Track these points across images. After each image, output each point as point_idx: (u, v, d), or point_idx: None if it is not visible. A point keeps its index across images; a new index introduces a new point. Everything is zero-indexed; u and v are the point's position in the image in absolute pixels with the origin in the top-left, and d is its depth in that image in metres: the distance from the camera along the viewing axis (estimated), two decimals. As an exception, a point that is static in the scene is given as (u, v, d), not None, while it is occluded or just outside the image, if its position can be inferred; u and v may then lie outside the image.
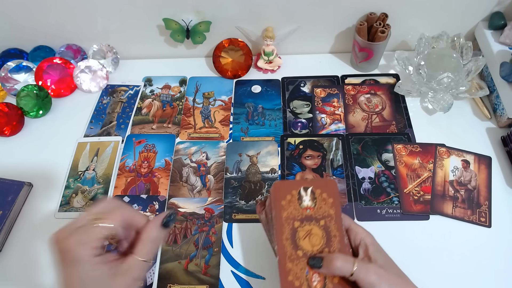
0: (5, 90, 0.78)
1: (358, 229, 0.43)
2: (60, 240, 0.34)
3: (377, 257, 0.41)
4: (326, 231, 0.43)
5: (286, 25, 0.76)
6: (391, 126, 0.70)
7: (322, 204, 0.44)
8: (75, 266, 0.33)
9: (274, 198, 0.44)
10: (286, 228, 0.43)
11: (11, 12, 0.75)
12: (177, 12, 0.74)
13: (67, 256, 0.34)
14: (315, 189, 0.44)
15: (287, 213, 0.43)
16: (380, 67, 0.80)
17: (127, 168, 0.68)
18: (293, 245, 0.43)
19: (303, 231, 0.43)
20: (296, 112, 0.74)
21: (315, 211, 0.44)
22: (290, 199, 0.44)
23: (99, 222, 0.35)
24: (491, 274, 0.54)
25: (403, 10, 0.73)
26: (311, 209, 0.44)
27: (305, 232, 0.43)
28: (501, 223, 0.58)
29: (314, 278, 0.41)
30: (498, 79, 0.68)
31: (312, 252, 0.42)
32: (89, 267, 0.34)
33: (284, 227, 0.43)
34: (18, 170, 0.68)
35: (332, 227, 0.43)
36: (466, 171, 0.63)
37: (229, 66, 0.79)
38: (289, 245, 0.43)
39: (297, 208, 0.44)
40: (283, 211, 0.43)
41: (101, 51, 0.82)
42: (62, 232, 0.35)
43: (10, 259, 0.59)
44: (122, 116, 0.76)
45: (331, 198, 0.44)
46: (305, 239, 0.43)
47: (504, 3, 0.71)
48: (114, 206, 0.37)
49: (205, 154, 0.69)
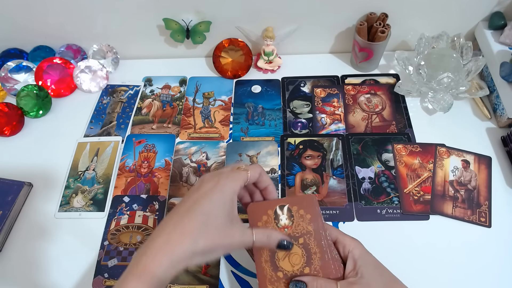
0: (5, 90, 0.78)
1: (346, 240, 0.42)
2: (213, 173, 0.42)
3: (364, 272, 0.39)
4: (305, 248, 0.42)
5: (286, 25, 0.76)
6: (391, 126, 0.70)
7: (300, 221, 0.42)
8: (219, 192, 0.39)
9: (251, 221, 0.43)
10: (265, 251, 0.42)
11: (11, 12, 0.75)
12: (177, 12, 0.74)
13: (216, 185, 0.39)
14: (291, 207, 0.43)
15: None
16: (380, 67, 0.80)
17: (127, 168, 0.68)
18: (273, 267, 0.42)
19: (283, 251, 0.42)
20: (296, 112, 0.74)
21: (293, 229, 0.42)
22: (266, 220, 0.43)
23: (242, 169, 0.42)
24: (491, 274, 0.54)
25: (403, 10, 0.73)
26: (288, 228, 0.42)
27: (285, 252, 0.42)
28: (501, 223, 0.58)
29: None
30: (498, 79, 0.68)
31: (293, 272, 0.41)
32: (226, 199, 0.39)
33: (263, 250, 0.42)
34: (18, 170, 0.68)
35: (311, 244, 0.42)
36: (466, 171, 0.63)
37: (229, 66, 0.79)
38: (268, 267, 0.42)
39: (274, 228, 0.42)
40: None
41: (101, 51, 0.82)
42: (212, 172, 0.43)
43: (10, 259, 0.59)
44: (122, 116, 0.76)
45: (309, 214, 0.42)
46: (284, 260, 0.42)
47: (504, 3, 0.71)
48: (255, 165, 0.44)
49: (205, 154, 0.69)
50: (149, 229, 0.60)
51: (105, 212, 0.63)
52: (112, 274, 0.56)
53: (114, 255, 0.58)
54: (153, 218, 0.61)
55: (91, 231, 0.61)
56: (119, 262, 0.58)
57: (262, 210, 0.44)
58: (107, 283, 0.56)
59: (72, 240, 0.60)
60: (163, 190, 0.65)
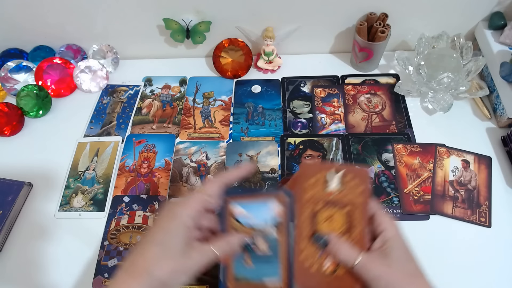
0: (5, 90, 0.78)
1: (383, 218, 0.41)
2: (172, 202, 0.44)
3: (390, 253, 0.39)
4: (348, 219, 0.41)
5: (286, 25, 0.76)
6: (391, 126, 0.70)
7: (349, 191, 0.42)
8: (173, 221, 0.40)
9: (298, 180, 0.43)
10: (307, 209, 0.42)
11: (11, 12, 0.75)
12: (177, 12, 0.74)
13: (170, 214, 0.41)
14: (345, 175, 0.42)
15: (311, 194, 0.42)
16: (380, 67, 0.80)
17: (127, 168, 0.68)
18: (311, 226, 0.41)
19: (325, 214, 0.42)
20: (296, 112, 0.74)
21: (341, 197, 0.42)
22: (316, 181, 0.42)
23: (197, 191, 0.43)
24: (491, 274, 0.54)
25: (403, 10, 0.73)
26: (336, 194, 0.42)
27: (326, 216, 0.41)
28: (501, 223, 0.58)
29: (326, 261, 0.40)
30: (498, 79, 0.68)
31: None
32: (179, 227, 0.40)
33: (305, 208, 0.42)
34: (18, 170, 0.68)
35: (355, 216, 0.41)
36: (466, 171, 0.63)
37: (229, 66, 0.79)
38: (307, 225, 0.42)
39: (322, 191, 0.42)
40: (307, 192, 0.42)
41: (101, 51, 0.82)
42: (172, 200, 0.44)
43: (10, 259, 0.59)
44: (122, 116, 0.76)
45: (360, 187, 0.42)
46: (324, 223, 0.41)
47: (504, 3, 0.71)
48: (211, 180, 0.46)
49: (205, 154, 0.69)
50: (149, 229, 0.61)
51: (105, 212, 0.63)
52: (112, 274, 0.57)
53: (114, 255, 0.58)
54: (153, 218, 0.61)
55: (91, 231, 0.61)
56: (119, 262, 0.58)
57: (314, 172, 0.43)
58: (107, 283, 0.56)
59: (72, 240, 0.60)
60: (163, 190, 0.65)
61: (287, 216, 0.42)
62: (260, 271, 0.43)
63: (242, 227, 0.44)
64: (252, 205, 0.44)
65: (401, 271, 0.38)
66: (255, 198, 0.45)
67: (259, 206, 0.44)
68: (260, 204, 0.44)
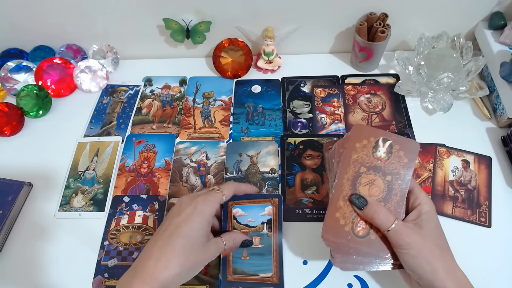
0: (5, 90, 0.78)
1: (421, 194, 0.43)
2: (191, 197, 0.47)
3: (424, 225, 0.41)
4: (389, 187, 0.42)
5: (286, 25, 0.76)
6: (391, 126, 0.70)
7: (396, 160, 0.43)
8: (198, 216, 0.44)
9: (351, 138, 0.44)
10: (351, 169, 0.43)
11: (11, 12, 0.75)
12: (177, 12, 0.74)
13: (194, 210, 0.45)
14: (394, 144, 0.43)
15: (358, 156, 0.43)
16: (380, 67, 0.80)
17: (127, 168, 0.68)
18: (352, 187, 0.42)
19: (367, 178, 0.43)
20: (296, 112, 0.74)
21: (386, 164, 0.43)
22: (365, 144, 0.43)
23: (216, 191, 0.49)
24: (491, 274, 0.54)
25: (403, 10, 0.73)
26: (382, 161, 0.43)
27: (368, 180, 0.42)
28: (501, 223, 0.58)
29: (360, 224, 0.42)
30: (498, 79, 0.68)
31: None
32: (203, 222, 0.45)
33: (350, 168, 0.43)
34: (18, 170, 0.68)
35: (396, 185, 0.42)
36: (466, 171, 0.63)
37: (229, 66, 0.79)
38: (348, 185, 0.42)
39: (369, 155, 0.43)
40: (354, 153, 0.43)
41: (101, 51, 0.82)
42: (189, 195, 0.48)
43: (10, 259, 0.59)
44: (122, 116, 0.76)
45: (407, 159, 0.43)
46: (365, 186, 0.42)
47: (504, 3, 0.71)
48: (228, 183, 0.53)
49: (205, 154, 0.69)
50: (149, 229, 0.60)
51: (105, 212, 0.63)
52: (112, 274, 0.57)
53: (114, 255, 0.58)
54: (153, 218, 0.61)
55: (91, 231, 0.61)
56: (119, 262, 0.58)
57: (367, 134, 0.44)
58: (107, 283, 0.56)
59: (72, 240, 0.60)
60: (163, 190, 0.65)
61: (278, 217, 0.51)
62: (255, 265, 0.50)
63: (240, 226, 0.51)
64: (250, 208, 0.53)
65: (432, 243, 0.40)
66: (253, 203, 0.53)
67: (256, 208, 0.53)
68: (256, 207, 0.52)
